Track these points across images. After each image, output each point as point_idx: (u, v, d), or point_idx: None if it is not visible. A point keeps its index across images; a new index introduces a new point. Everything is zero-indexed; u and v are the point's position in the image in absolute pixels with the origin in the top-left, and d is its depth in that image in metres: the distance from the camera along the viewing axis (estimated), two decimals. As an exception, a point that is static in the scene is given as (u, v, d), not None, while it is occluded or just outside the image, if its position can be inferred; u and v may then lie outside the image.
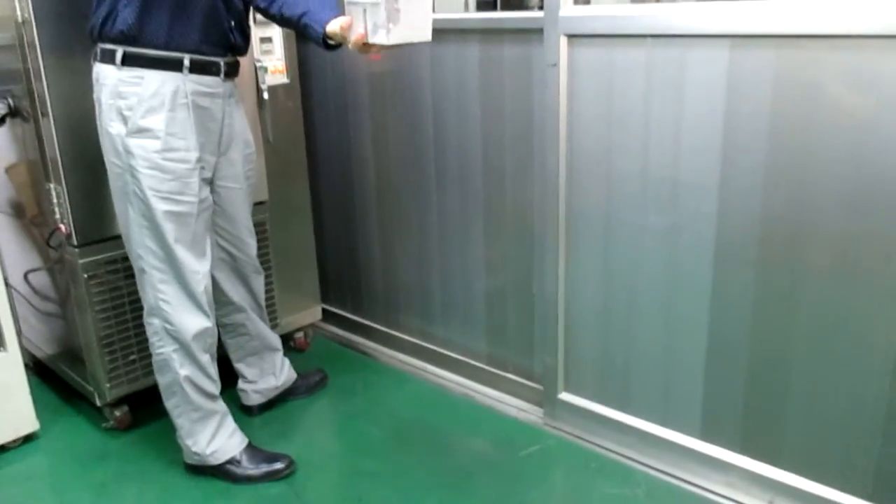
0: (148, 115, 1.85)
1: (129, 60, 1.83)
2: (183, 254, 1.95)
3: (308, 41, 2.00)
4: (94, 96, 1.91)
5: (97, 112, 1.91)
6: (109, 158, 1.91)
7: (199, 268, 1.99)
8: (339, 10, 1.91)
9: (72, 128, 2.09)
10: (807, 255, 1.75)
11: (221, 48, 1.97)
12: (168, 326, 2.00)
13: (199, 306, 2.01)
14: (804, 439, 1.86)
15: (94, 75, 1.89)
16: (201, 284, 2.00)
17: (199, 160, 1.93)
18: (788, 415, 1.87)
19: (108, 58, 1.84)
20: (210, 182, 2.03)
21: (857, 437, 1.77)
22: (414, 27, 1.81)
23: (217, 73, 1.96)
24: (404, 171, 2.62)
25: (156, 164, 1.87)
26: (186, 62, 1.88)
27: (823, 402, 1.80)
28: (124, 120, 1.85)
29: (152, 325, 2.02)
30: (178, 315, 1.99)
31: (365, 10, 1.79)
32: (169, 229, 1.91)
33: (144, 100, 1.84)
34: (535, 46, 2.10)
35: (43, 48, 2.01)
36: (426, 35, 1.85)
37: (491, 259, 2.46)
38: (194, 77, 1.90)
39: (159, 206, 1.89)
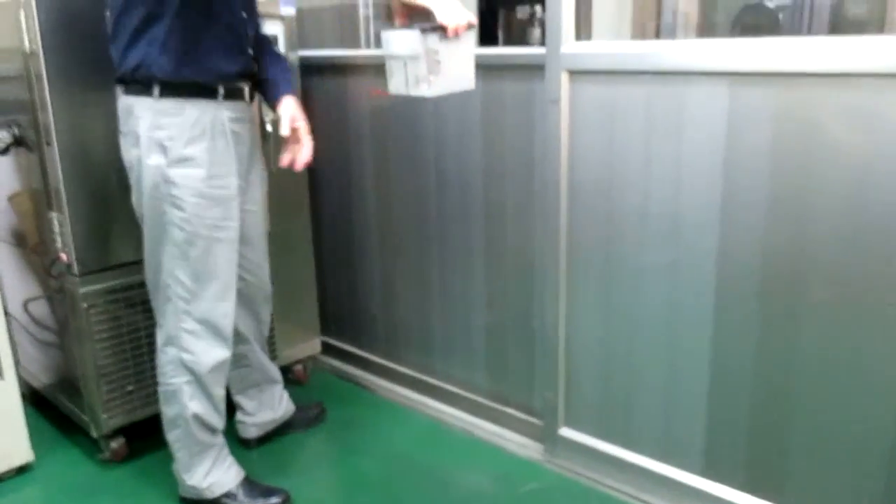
0: (190, 145, 1.87)
1: (166, 92, 1.84)
2: (216, 283, 1.96)
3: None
4: (124, 129, 1.91)
5: (127, 144, 1.91)
6: (144, 190, 1.90)
7: (229, 297, 2.01)
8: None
9: (75, 157, 2.11)
10: (808, 292, 1.74)
11: (246, 74, 2.00)
12: (185, 356, 1.98)
13: (222, 337, 2.02)
14: (808, 477, 1.84)
15: (125, 108, 1.89)
16: (229, 316, 2.02)
17: (236, 186, 1.96)
18: (792, 452, 1.85)
19: (144, 91, 1.85)
20: None
21: (863, 475, 1.75)
22: (456, 77, 1.80)
23: (244, 98, 2.00)
24: (405, 204, 2.63)
25: (200, 193, 1.88)
26: (221, 90, 1.91)
27: (828, 439, 1.79)
28: (164, 150, 1.85)
29: (167, 353, 2.01)
30: (199, 346, 1.99)
31: (406, 63, 1.78)
32: (208, 257, 1.93)
33: (186, 129, 1.86)
34: (537, 82, 2.12)
35: (50, 79, 2.03)
36: (469, 84, 1.84)
37: (492, 293, 2.45)
38: (228, 104, 1.93)
39: (203, 233, 1.91)
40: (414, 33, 1.73)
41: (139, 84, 1.85)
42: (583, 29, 2.10)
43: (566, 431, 2.30)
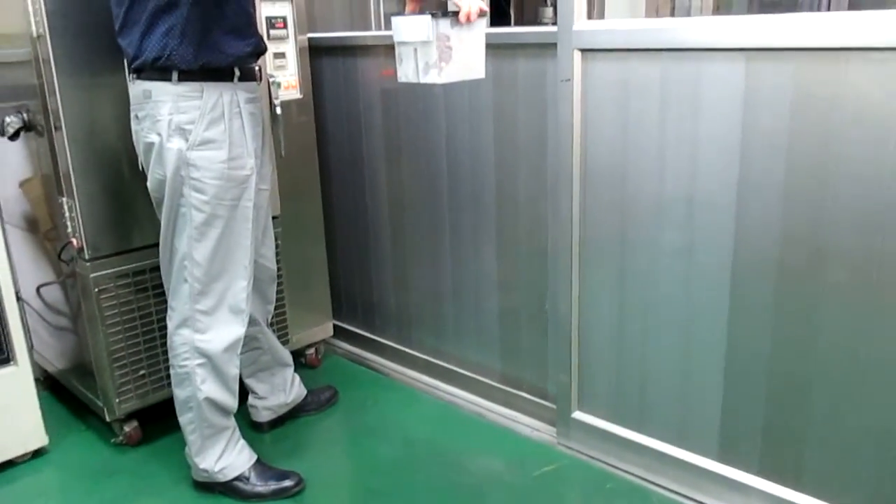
0: (211, 127, 1.87)
1: (185, 76, 1.85)
2: (234, 262, 1.98)
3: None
4: (140, 114, 1.91)
5: (143, 129, 1.91)
6: (165, 173, 1.89)
7: (246, 274, 2.02)
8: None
9: (85, 142, 2.10)
10: (827, 275, 1.71)
11: (258, 52, 2.01)
12: (199, 337, 1.99)
13: (238, 313, 2.03)
14: (825, 462, 1.81)
15: (142, 91, 1.88)
16: (245, 292, 2.03)
17: (253, 166, 1.97)
18: (809, 437, 1.82)
19: (164, 76, 1.84)
20: None
21: (882, 461, 1.72)
22: (467, 65, 1.78)
23: (256, 78, 2.02)
24: (417, 187, 2.61)
25: (221, 174, 1.90)
26: (237, 71, 1.92)
27: (845, 423, 1.76)
28: (185, 133, 1.86)
29: (181, 335, 2.01)
30: (214, 326, 2.00)
31: (416, 50, 1.76)
32: (227, 237, 1.95)
33: (206, 112, 1.87)
34: (549, 62, 2.09)
35: (57, 63, 2.02)
36: (479, 72, 1.83)
37: (504, 276, 2.43)
38: (243, 85, 1.94)
39: (222, 214, 1.92)
40: (425, 19, 1.70)
41: (158, 71, 1.84)
42: (595, 13, 2.06)
43: (579, 415, 2.29)
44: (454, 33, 1.72)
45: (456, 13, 1.71)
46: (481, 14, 1.74)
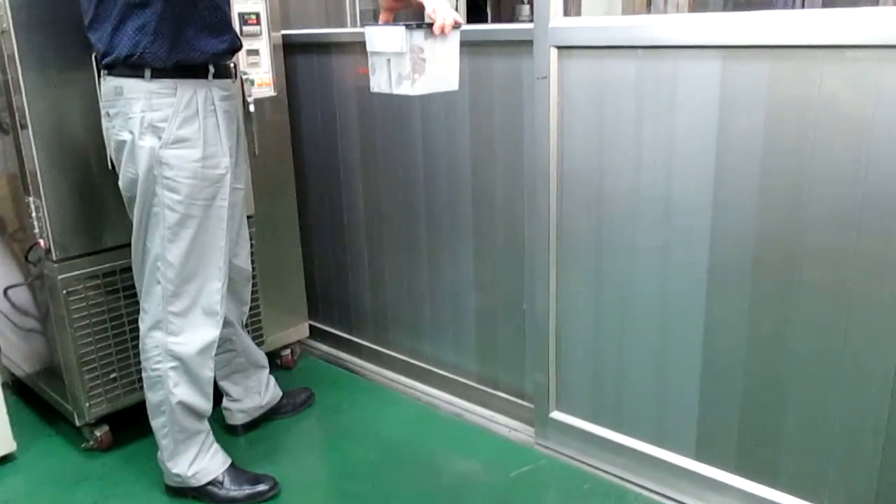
0: (185, 125, 1.84)
1: (158, 73, 1.81)
2: (208, 262, 1.95)
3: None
4: (112, 111, 1.86)
5: (114, 126, 1.87)
6: (137, 172, 1.85)
7: (220, 276, 1.98)
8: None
9: (52, 140, 2.05)
10: (802, 274, 1.71)
11: (233, 50, 1.98)
12: (172, 340, 1.95)
13: (212, 315, 1.99)
14: (801, 460, 1.82)
15: (113, 88, 1.84)
16: (219, 293, 1.99)
17: (228, 165, 1.94)
18: (785, 434, 1.83)
19: (136, 73, 1.80)
20: None
21: (856, 458, 1.73)
22: (440, 77, 1.76)
23: (231, 76, 1.98)
24: (393, 186, 2.58)
25: (195, 173, 1.86)
26: (211, 69, 1.89)
27: (820, 422, 1.76)
28: (158, 132, 1.82)
29: (153, 338, 1.97)
30: (187, 329, 1.96)
31: (389, 60, 1.73)
32: (201, 237, 1.91)
33: (180, 110, 1.83)
34: (525, 59, 2.07)
35: (22, 59, 1.97)
36: (453, 84, 1.81)
37: (481, 275, 2.42)
38: (218, 82, 1.91)
39: (196, 214, 1.89)
40: (399, 30, 1.68)
41: (130, 68, 1.80)
42: (572, 10, 2.05)
43: (557, 414, 2.28)
44: (428, 45, 1.70)
45: (430, 25, 1.69)
46: (456, 26, 1.72)
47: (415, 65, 1.69)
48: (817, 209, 1.65)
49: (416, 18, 1.75)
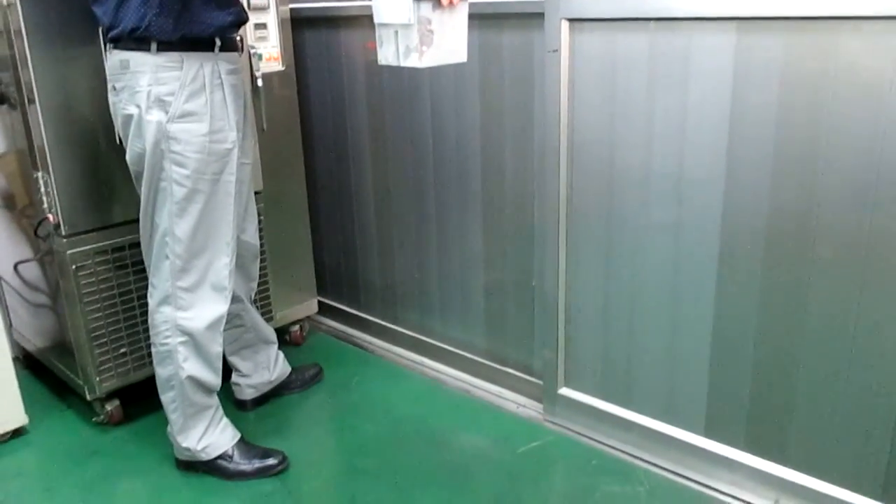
0: (192, 99, 1.83)
1: (164, 46, 1.79)
2: (216, 237, 1.94)
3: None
4: (118, 85, 1.85)
5: (121, 100, 1.85)
6: (144, 146, 1.84)
7: (228, 250, 1.98)
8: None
9: (59, 114, 2.04)
10: (815, 251, 1.69)
11: (240, 22, 1.96)
12: (181, 315, 1.95)
13: (221, 290, 1.99)
14: (811, 437, 1.81)
15: (119, 62, 1.82)
16: (228, 268, 1.99)
17: (235, 139, 1.92)
18: (795, 412, 1.82)
19: (142, 46, 1.79)
20: None
21: (866, 436, 1.72)
22: (448, 49, 1.74)
23: (238, 49, 1.97)
24: (402, 160, 2.57)
25: (202, 147, 1.85)
26: (218, 42, 1.87)
27: (831, 399, 1.75)
28: (164, 105, 1.81)
29: (162, 313, 1.97)
30: (196, 304, 1.96)
31: (397, 32, 1.71)
32: (209, 212, 1.91)
33: (187, 84, 1.82)
34: (536, 32, 2.04)
35: (29, 33, 1.95)
36: (462, 56, 1.79)
37: (490, 252, 2.41)
38: (224, 55, 1.90)
39: (204, 189, 1.88)
40: (406, 1, 1.65)
41: (135, 42, 1.79)
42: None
43: (566, 391, 2.27)
44: (436, 16, 1.68)
45: None
46: None
47: (422, 37, 1.67)
48: (832, 184, 1.63)
49: None
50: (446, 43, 1.73)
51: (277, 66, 2.54)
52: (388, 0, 1.71)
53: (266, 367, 2.42)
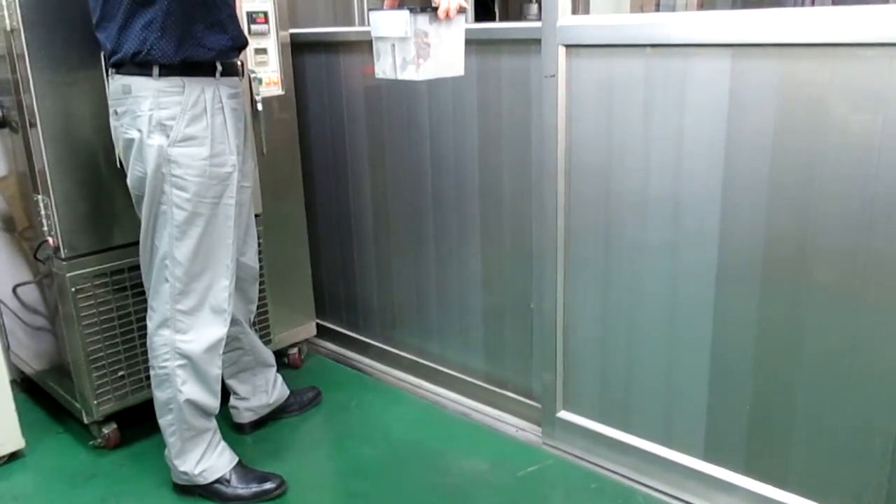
0: (193, 123, 1.84)
1: (166, 70, 1.81)
2: (216, 260, 1.95)
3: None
4: (120, 109, 1.87)
5: (122, 125, 1.87)
6: (145, 170, 1.85)
7: (228, 273, 1.99)
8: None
9: (61, 138, 2.06)
10: (812, 274, 1.70)
11: (240, 46, 1.98)
12: (180, 338, 1.95)
13: (220, 313, 1.99)
14: (810, 461, 1.80)
15: (121, 86, 1.84)
16: (227, 291, 1.99)
17: (235, 163, 1.94)
18: (794, 436, 1.81)
19: (144, 70, 1.80)
20: None
21: (865, 460, 1.71)
22: (445, 62, 1.76)
23: (238, 73, 1.98)
24: (401, 185, 2.58)
25: (203, 171, 1.86)
26: (219, 66, 1.89)
27: (830, 423, 1.75)
28: (166, 130, 1.82)
29: (161, 336, 1.97)
30: (195, 327, 1.96)
31: (394, 46, 1.73)
32: (209, 235, 1.91)
33: (188, 108, 1.83)
34: (533, 58, 2.06)
35: (32, 57, 1.97)
36: (458, 69, 1.80)
37: (488, 274, 2.41)
38: (225, 80, 1.92)
39: (204, 212, 1.89)
40: (403, 14, 1.68)
41: (137, 66, 1.81)
42: (580, 8, 2.04)
43: (565, 414, 2.27)
44: (433, 29, 1.70)
45: (435, 9, 1.69)
46: (461, 10, 1.72)
47: (419, 49, 1.69)
48: (828, 208, 1.64)
49: (421, 3, 1.74)
50: (443, 56, 1.74)
51: (277, 91, 2.56)
52: (385, 13, 1.73)
53: (264, 390, 2.41)
